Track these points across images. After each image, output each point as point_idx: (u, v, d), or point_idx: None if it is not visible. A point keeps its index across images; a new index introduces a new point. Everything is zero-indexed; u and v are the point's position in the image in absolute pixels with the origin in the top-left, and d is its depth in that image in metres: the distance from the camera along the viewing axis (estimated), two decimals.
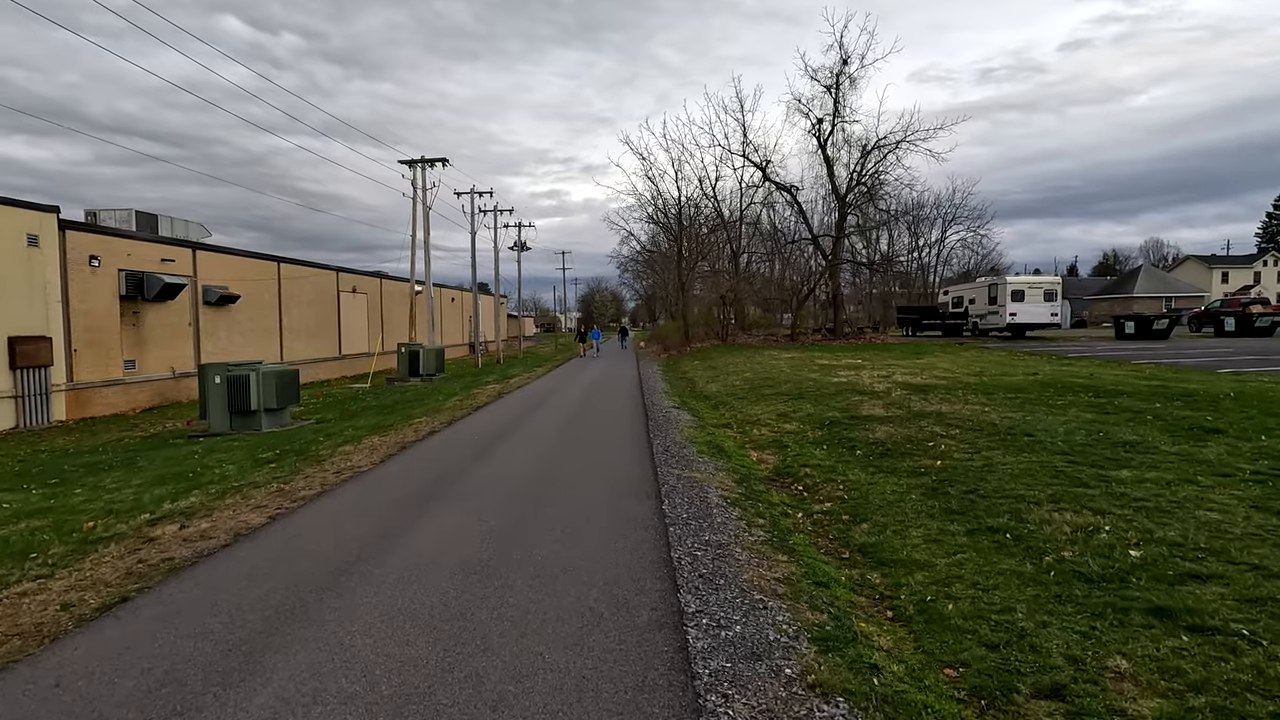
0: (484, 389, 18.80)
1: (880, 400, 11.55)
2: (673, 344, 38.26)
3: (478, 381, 22.91)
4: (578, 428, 10.35)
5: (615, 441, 9.15)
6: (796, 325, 34.15)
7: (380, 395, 22.27)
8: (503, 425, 10.96)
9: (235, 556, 4.56)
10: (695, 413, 12.83)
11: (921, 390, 12.61)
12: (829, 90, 32.81)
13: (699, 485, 6.60)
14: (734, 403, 13.99)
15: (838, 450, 8.36)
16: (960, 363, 20.28)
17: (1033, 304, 31.54)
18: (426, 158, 30.18)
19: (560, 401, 14.82)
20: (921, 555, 4.63)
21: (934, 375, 16.07)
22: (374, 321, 41.46)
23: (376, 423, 12.81)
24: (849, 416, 10.28)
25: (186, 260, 25.81)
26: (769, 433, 10.16)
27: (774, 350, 28.91)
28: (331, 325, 36.46)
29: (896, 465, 7.19)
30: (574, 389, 18.23)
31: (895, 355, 23.97)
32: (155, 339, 24.28)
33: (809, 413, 11.12)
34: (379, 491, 6.46)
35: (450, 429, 10.86)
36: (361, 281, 40.02)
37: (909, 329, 38.59)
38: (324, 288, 35.53)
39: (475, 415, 12.72)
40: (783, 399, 13.10)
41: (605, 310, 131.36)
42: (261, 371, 15.70)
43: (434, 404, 15.55)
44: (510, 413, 12.96)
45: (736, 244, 37.34)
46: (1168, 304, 53.78)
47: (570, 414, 12.31)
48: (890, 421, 9.49)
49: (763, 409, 12.38)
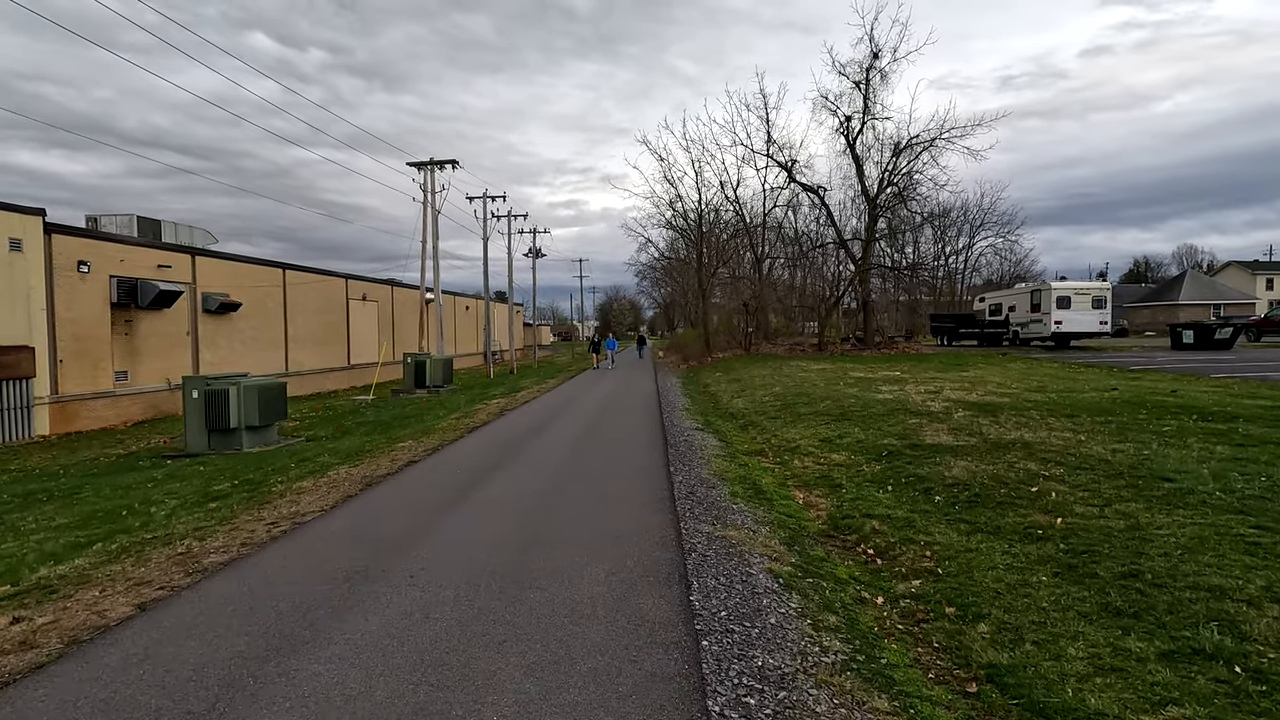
0: (488, 404, 17.25)
1: (942, 424, 9.76)
2: (693, 353, 36.53)
3: (485, 395, 21.39)
4: (583, 459, 8.67)
5: (628, 478, 7.47)
6: (824, 334, 32.28)
7: (381, 409, 20.84)
8: (495, 454, 9.33)
9: (33, 697, 2.96)
10: (722, 436, 11.13)
11: (987, 411, 10.79)
12: (858, 86, 31.02)
13: (737, 552, 4.90)
14: (765, 423, 12.26)
15: (907, 493, 6.61)
16: (1012, 376, 18.33)
17: (1080, 311, 29.35)
18: (435, 159, 28.88)
19: (568, 422, 13.19)
20: (1107, 705, 2.90)
21: (990, 391, 14.20)
22: (385, 330, 40.28)
23: (359, 445, 11.28)
24: (910, 445, 8.51)
25: (185, 266, 24.69)
26: (814, 465, 8.43)
27: (801, 361, 27.07)
28: (340, 334, 35.27)
29: (997, 521, 5.43)
30: (585, 405, 16.60)
31: (936, 367, 22.05)
32: (150, 349, 23.11)
33: (859, 439, 9.36)
34: (304, 562, 4.82)
35: (433, 457, 9.26)
36: (372, 289, 38.87)
37: (943, 338, 36.47)
38: (332, 295, 34.38)
39: (467, 439, 11.13)
40: (823, 420, 11.34)
41: (623, 319, 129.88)
42: (243, 385, 14.30)
43: (429, 422, 14.01)
44: (508, 437, 11.34)
45: (760, 249, 35.58)
46: (1215, 311, 50.95)
47: (576, 439, 10.67)
48: (966, 454, 7.71)
49: (801, 432, 10.64)
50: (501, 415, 14.41)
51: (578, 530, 5.34)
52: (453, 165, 29.07)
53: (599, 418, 13.49)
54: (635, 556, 4.73)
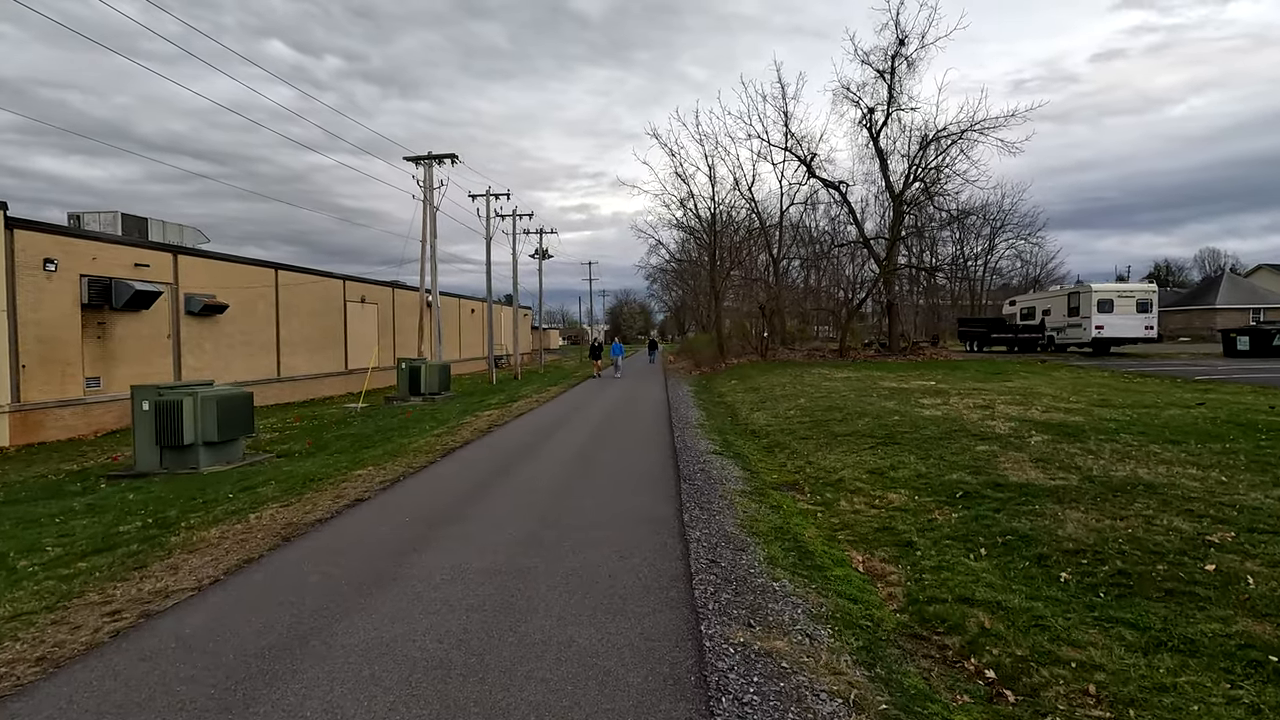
0: (479, 416, 15.52)
1: (1019, 452, 7.89)
2: (705, 359, 34.68)
3: (480, 404, 19.68)
4: (571, 504, 6.71)
5: (628, 537, 5.60)
6: (846, 339, 30.31)
7: (369, 419, 19.19)
8: (461, 492, 7.48)
9: None
10: (745, 462, 9.30)
11: (1066, 434, 8.90)
12: (882, 75, 29.12)
13: (791, 686, 3.10)
14: (795, 445, 10.42)
15: (1014, 563, 4.77)
16: (1064, 387, 16.37)
17: (1123, 315, 27.25)
18: (434, 153, 27.29)
19: (564, 442, 11.39)
20: None
21: (1053, 407, 12.29)
22: (385, 334, 38.75)
23: (315, 470, 9.56)
24: (989, 483, 6.66)
25: (165, 265, 23.19)
26: (867, 508, 6.60)
27: (823, 368, 25.16)
28: (337, 337, 33.72)
29: (1182, 627, 3.59)
30: (586, 419, 14.83)
31: (974, 376, 20.09)
32: (126, 353, 21.60)
33: (918, 471, 7.51)
34: (145, 691, 3.10)
35: (388, 494, 7.47)
36: (371, 291, 37.35)
37: (973, 344, 34.37)
38: (329, 297, 32.86)
39: (439, 466, 9.34)
40: (866, 443, 9.49)
41: (633, 323, 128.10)
42: (200, 396, 12.64)
43: (407, 439, 12.27)
44: (490, 461, 9.53)
45: (776, 249, 33.69)
46: (1255, 316, 48.48)
47: (568, 468, 8.86)
48: (1073, 500, 5.86)
49: (841, 459, 8.80)
50: (489, 432, 12.64)
51: (542, 662, 3.43)
52: (452, 160, 27.47)
53: (600, 437, 11.69)
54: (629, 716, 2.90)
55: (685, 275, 59.42)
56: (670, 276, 63.87)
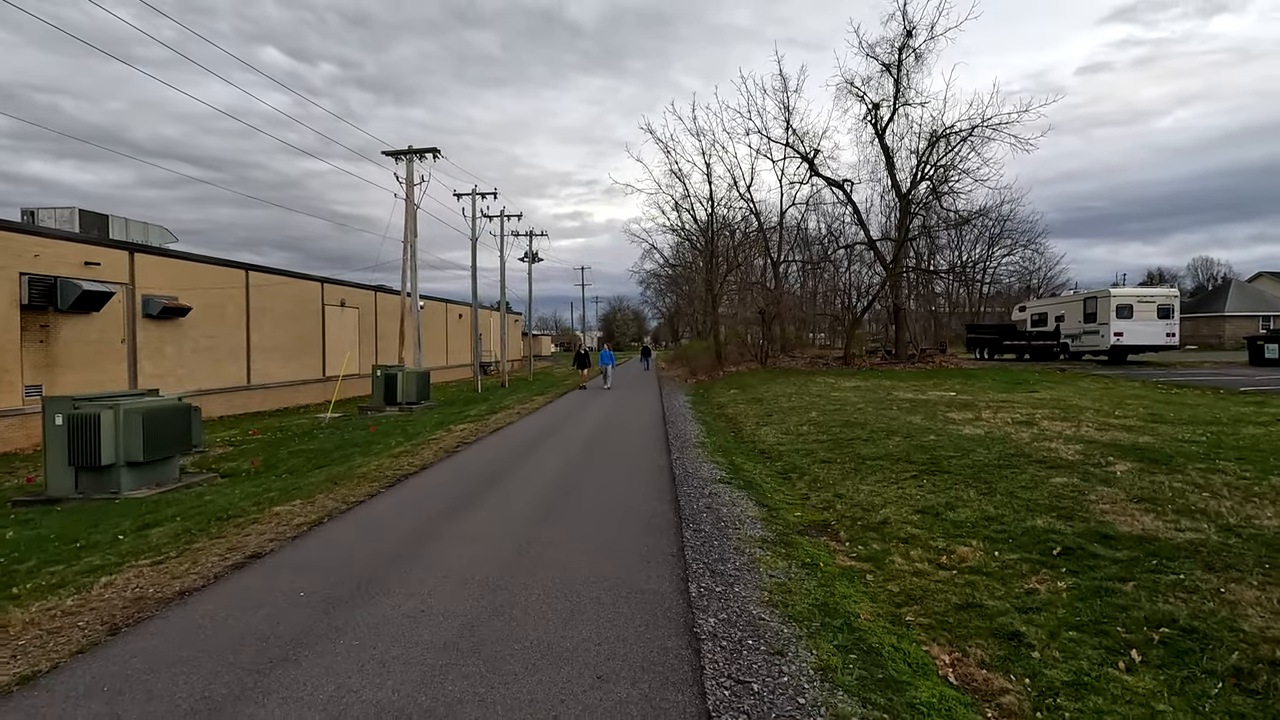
0: (452, 431, 13.83)
1: (1109, 486, 6.27)
2: (701, 366, 33.07)
3: (459, 415, 17.98)
4: (540, 568, 4.92)
5: (608, 618, 3.97)
6: (851, 346, 28.75)
7: (336, 431, 17.44)
8: (397, 540, 5.76)
9: None
10: (758, 493, 7.65)
11: (1150, 460, 7.30)
12: (888, 69, 27.65)
13: None
14: (815, 470, 8.78)
15: (1195, 682, 3.15)
16: (1098, 398, 14.83)
17: (1143, 321, 25.79)
18: (414, 147, 25.65)
19: (540, 467, 9.70)
20: None
21: (1105, 423, 10.71)
22: (367, 339, 36.99)
23: (235, 502, 7.85)
24: (1092, 534, 5.04)
25: (120, 264, 21.42)
26: (930, 566, 4.97)
27: (827, 376, 23.58)
28: (314, 343, 31.92)
29: None
30: (571, 436, 13.16)
31: (994, 386, 18.52)
32: (73, 359, 19.78)
33: (985, 512, 5.89)
34: None
35: (301, 543, 5.74)
36: (352, 294, 35.59)
37: (982, 351, 32.87)
38: (306, 300, 31.08)
39: (381, 499, 7.62)
40: (905, 470, 7.86)
41: (626, 329, 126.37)
42: (122, 409, 10.91)
43: (362, 460, 10.57)
44: (444, 494, 7.76)
45: (777, 252, 32.15)
46: (1265, 323, 47.30)
47: (543, 503, 7.18)
48: (1226, 564, 4.25)
49: (877, 490, 7.17)
50: (456, 452, 10.93)
51: None
52: (434, 155, 25.83)
53: (584, 460, 10.00)
54: None
55: (679, 281, 57.92)
56: (664, 282, 62.44)
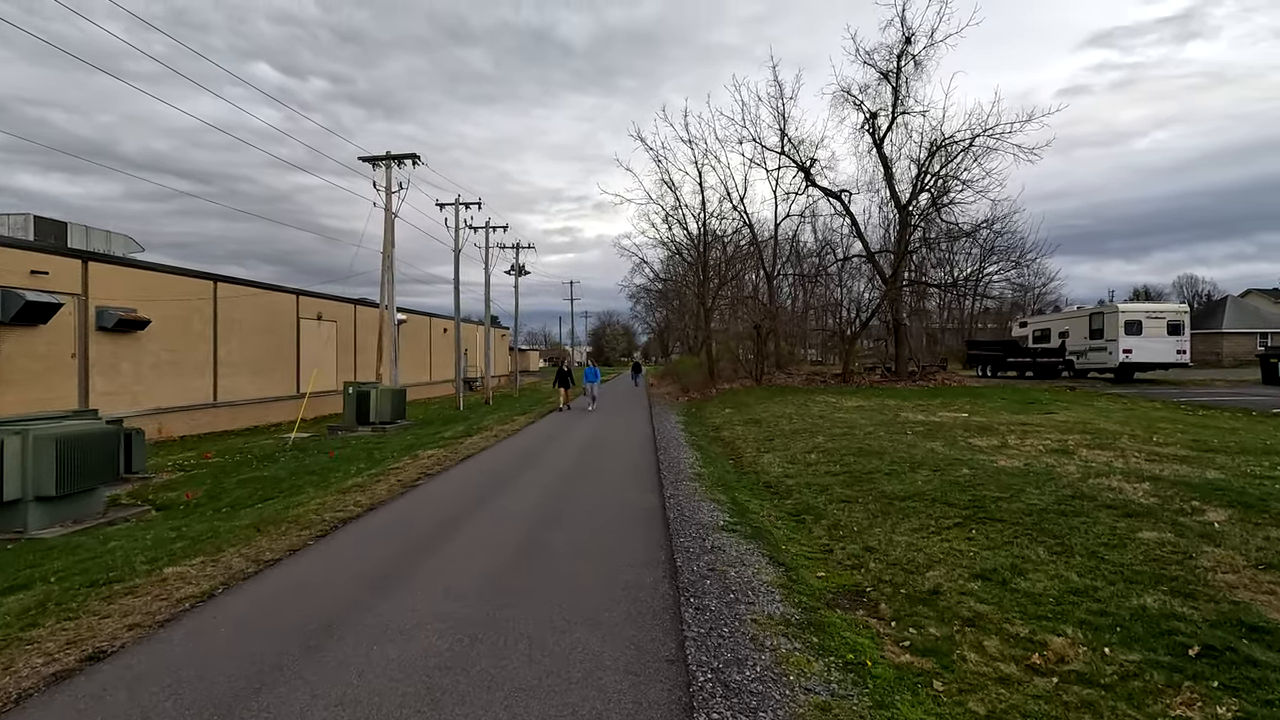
0: (421, 456, 12.44)
1: (1217, 546, 5.03)
2: (693, 383, 31.82)
3: (433, 437, 16.57)
4: (492, 665, 3.59)
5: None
6: (850, 363, 27.61)
7: (299, 455, 15.98)
8: (320, 614, 4.43)
9: None
10: (771, 545, 6.35)
11: (1240, 504, 6.08)
12: (886, 77, 26.79)
13: None
14: (834, 511, 7.48)
15: None
16: (1123, 421, 13.69)
17: (1153, 338, 24.84)
18: (392, 153, 24.41)
19: (507, 509, 8.31)
20: None
21: (1153, 453, 9.51)
22: (345, 354, 35.45)
23: (128, 557, 6.45)
24: (1229, 621, 3.79)
25: (72, 274, 19.93)
26: (1016, 669, 3.68)
27: (827, 395, 22.37)
28: (288, 358, 30.36)
29: None
30: (550, 464, 11.80)
31: (1006, 406, 17.36)
32: (15, 375, 18.23)
33: (1068, 581, 4.62)
34: None
35: (191, 618, 4.42)
36: (329, 307, 34.08)
37: (985, 368, 31.85)
38: (279, 313, 29.57)
39: (305, 556, 6.21)
40: (944, 514, 6.58)
41: (616, 344, 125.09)
42: (33, 435, 9.50)
43: (316, 491, 9.16)
44: (384, 551, 6.19)
45: (771, 265, 31.04)
46: (1262, 340, 46.74)
47: (509, 559, 5.79)
48: None
49: (916, 542, 5.90)
50: (414, 486, 9.52)
51: None
52: (413, 161, 24.59)
53: (561, 500, 8.61)
54: None
55: (670, 296, 56.85)
56: (654, 297, 61.32)
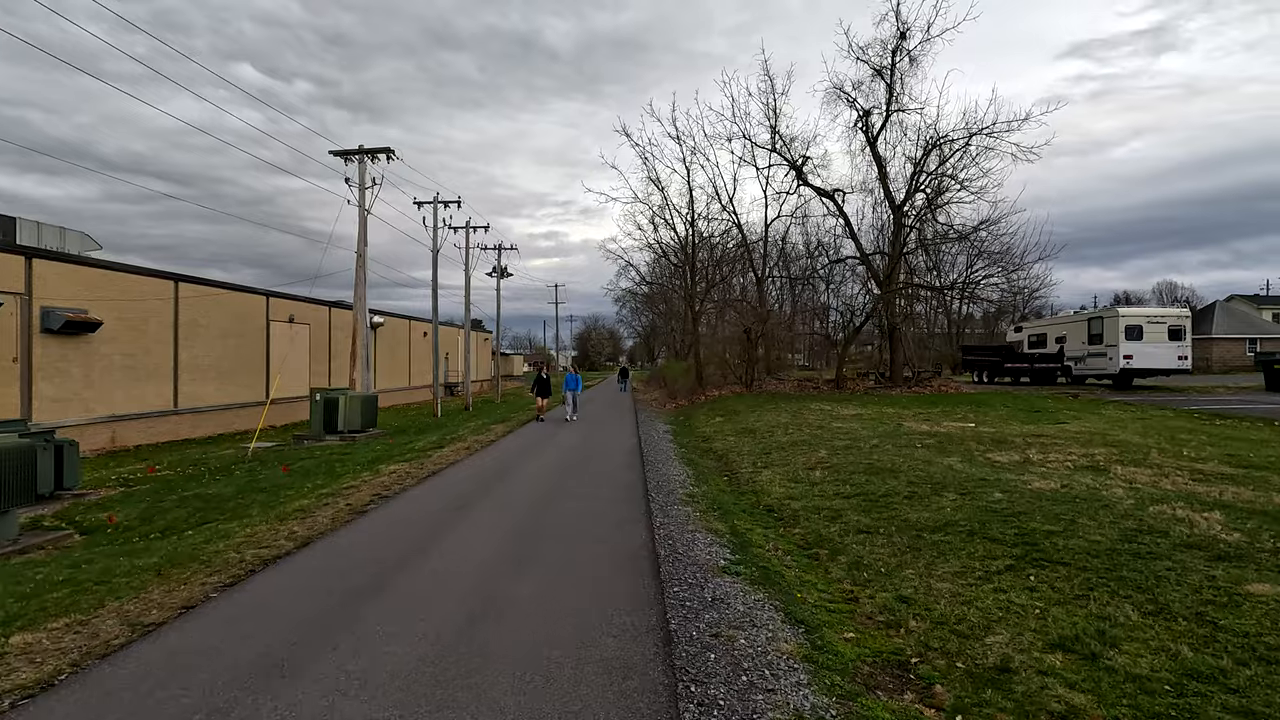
0: (383, 471, 11.22)
1: None
2: (680, 389, 30.75)
3: (404, 448, 15.33)
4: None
5: None
6: (843, 368, 26.68)
7: (256, 468, 14.67)
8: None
9: None
10: (782, 592, 5.25)
11: None
12: (880, 74, 25.97)
13: None
14: (852, 545, 6.40)
15: None
16: (1139, 431, 12.78)
17: (1154, 343, 24.12)
18: (365, 147, 23.14)
19: (472, 538, 7.18)
20: None
21: (1195, 470, 8.54)
22: (320, 358, 33.98)
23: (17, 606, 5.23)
24: None
25: (14, 271, 18.49)
26: None
27: (821, 402, 21.37)
28: (257, 362, 28.88)
29: None
30: (524, 482, 10.64)
31: (1012, 416, 16.43)
32: None
33: (1185, 660, 3.57)
34: None
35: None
36: (302, 309, 32.61)
37: (980, 374, 31.09)
38: (247, 315, 28.10)
39: (216, 606, 4.99)
40: (990, 552, 5.52)
41: (602, 348, 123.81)
42: None
43: (243, 523, 7.94)
44: (314, 600, 5.05)
45: (762, 268, 30.10)
46: (1251, 345, 46.58)
47: (461, 618, 4.64)
48: None
49: (965, 593, 4.83)
50: (364, 512, 8.30)
51: None
52: (387, 156, 23.32)
53: (533, 534, 7.38)
54: None
55: (656, 300, 55.81)
56: (640, 301, 60.22)
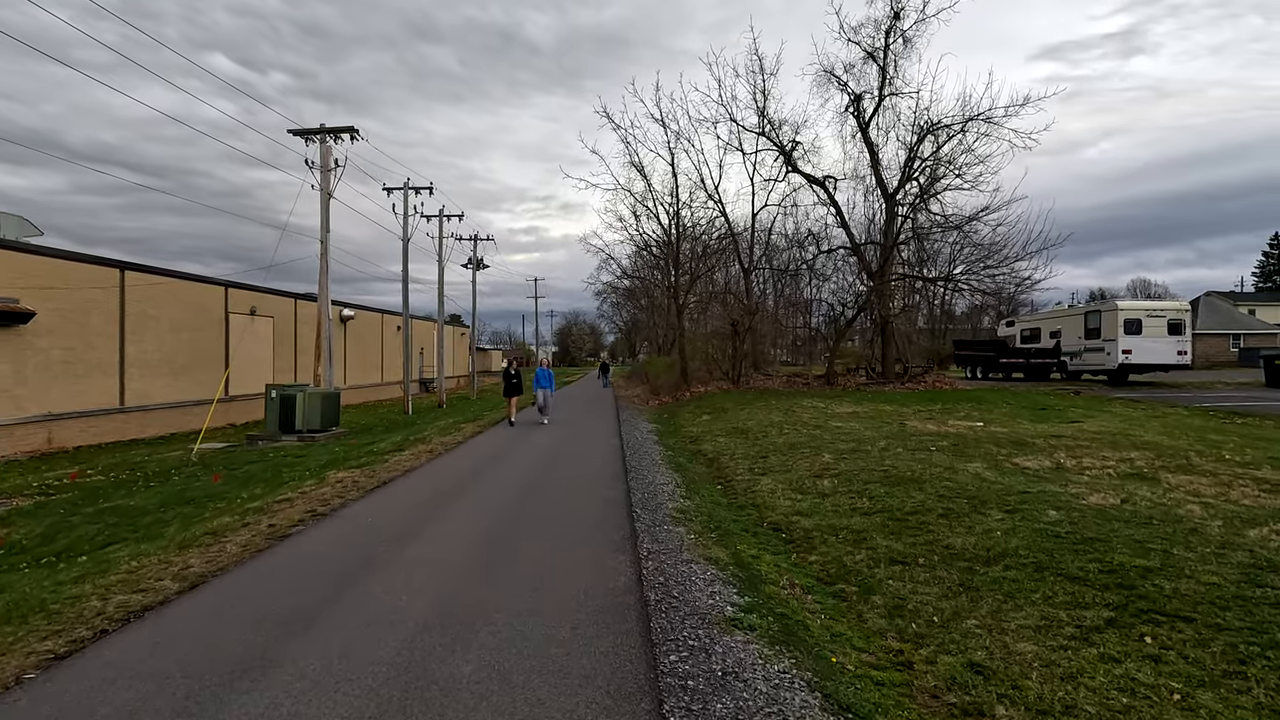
0: (328, 480, 9.81)
1: None
2: (664, 386, 29.51)
3: (361, 451, 13.90)
4: None
5: None
6: (834, 363, 25.62)
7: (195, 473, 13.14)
8: None
9: None
10: (811, 655, 4.02)
11: None
12: (872, 56, 24.84)
13: None
14: (887, 580, 5.19)
15: None
16: (1166, 432, 11.78)
17: (1153, 338, 23.35)
18: (327, 126, 21.52)
19: (415, 574, 5.85)
20: None
21: (1251, 474, 7.47)
22: (285, 353, 32.18)
23: None
24: None
25: None
26: None
27: (813, 399, 20.24)
28: (214, 357, 27.03)
29: None
30: (489, 494, 9.29)
31: (1018, 414, 15.41)
32: None
33: None
34: None
35: None
36: (266, 301, 30.78)
37: (974, 369, 30.28)
38: (204, 307, 26.28)
39: (29, 692, 3.75)
40: (1079, 597, 4.34)
41: (583, 344, 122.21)
42: None
43: (134, 551, 6.55)
44: (168, 686, 3.84)
45: (748, 259, 28.93)
46: (1234, 341, 46.51)
47: (379, 703, 3.44)
48: None
49: (1062, 662, 3.65)
50: (285, 538, 6.90)
51: None
52: (351, 135, 21.70)
53: (488, 568, 5.98)
54: None
55: (638, 294, 54.44)
56: (622, 295, 58.77)
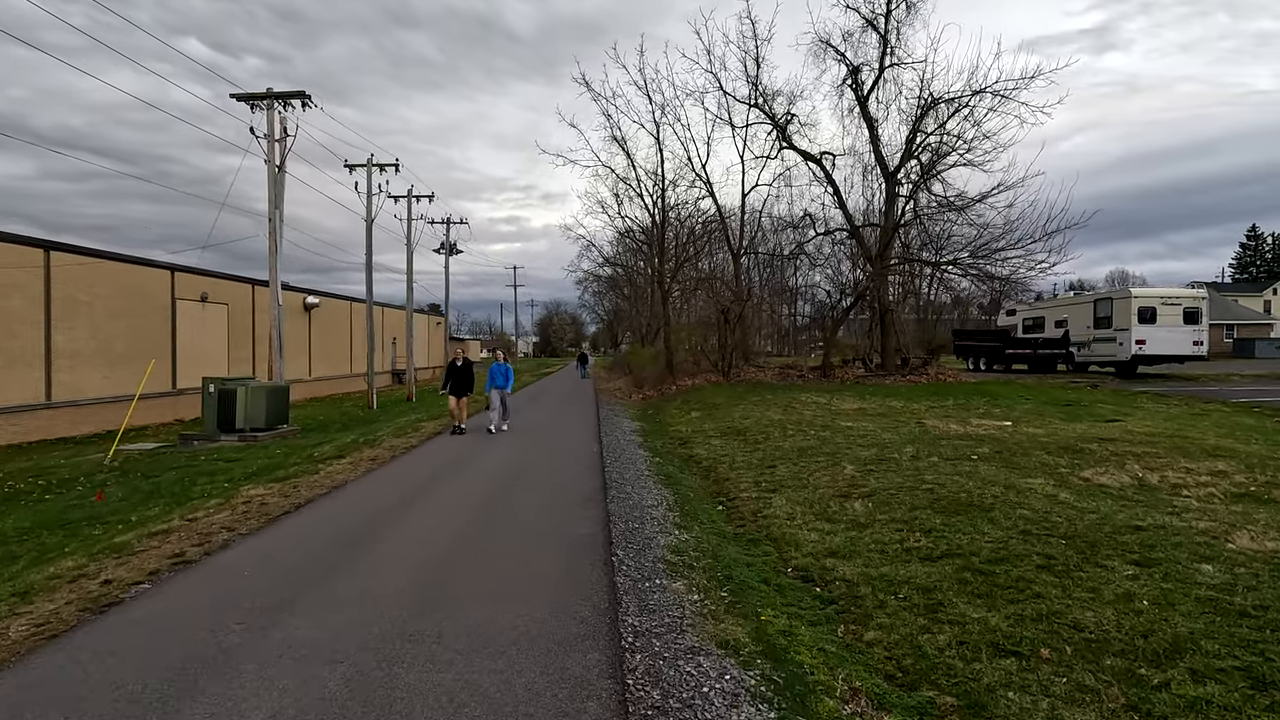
0: (236, 498, 7.92)
1: None
2: (648, 378, 27.74)
3: (298, 457, 11.96)
4: None
5: None
6: (830, 355, 24.03)
7: (98, 488, 11.11)
8: None
9: None
10: None
11: None
12: (872, 24, 23.09)
13: None
14: (1002, 696, 3.47)
15: None
16: (1216, 429, 10.22)
17: (1168, 327, 21.99)
18: (274, 91, 19.32)
19: (276, 680, 4.06)
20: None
21: None
22: (241, 343, 29.85)
23: None
24: None
25: None
26: None
27: (812, 394, 18.57)
28: (159, 347, 24.64)
29: None
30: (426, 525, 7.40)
31: (1046, 411, 13.83)
32: None
33: None
34: None
35: None
36: (219, 287, 28.43)
37: (976, 361, 28.86)
38: (148, 293, 23.93)
39: None
40: None
41: (564, 334, 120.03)
42: None
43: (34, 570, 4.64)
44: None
45: (738, 243, 27.19)
46: (1229, 332, 45.84)
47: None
48: None
49: None
50: (111, 607, 4.92)
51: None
52: (303, 103, 19.53)
53: (398, 661, 4.30)
54: None
55: (620, 282, 52.50)
56: (604, 284, 56.77)
